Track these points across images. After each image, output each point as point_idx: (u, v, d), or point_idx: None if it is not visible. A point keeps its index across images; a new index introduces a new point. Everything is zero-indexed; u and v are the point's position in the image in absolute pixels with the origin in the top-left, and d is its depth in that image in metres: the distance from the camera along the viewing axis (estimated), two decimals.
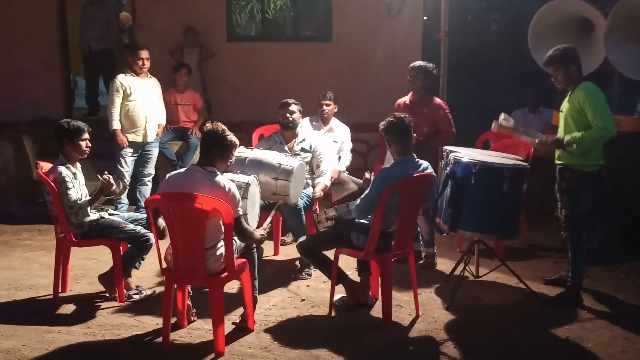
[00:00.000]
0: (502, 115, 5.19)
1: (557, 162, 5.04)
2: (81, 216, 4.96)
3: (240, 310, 4.60)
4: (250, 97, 8.72)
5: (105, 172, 5.05)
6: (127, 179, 6.88)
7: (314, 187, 5.88)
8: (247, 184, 4.55)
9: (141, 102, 6.93)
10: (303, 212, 5.64)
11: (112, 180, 5.00)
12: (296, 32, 9.68)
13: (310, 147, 5.90)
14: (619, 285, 5.44)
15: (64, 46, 9.11)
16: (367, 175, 5.00)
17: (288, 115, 5.81)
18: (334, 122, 6.86)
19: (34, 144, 8.05)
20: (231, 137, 4.33)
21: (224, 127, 4.36)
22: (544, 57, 5.14)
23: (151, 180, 7.26)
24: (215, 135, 4.30)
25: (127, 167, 6.95)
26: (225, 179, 4.26)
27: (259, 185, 4.80)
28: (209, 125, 4.40)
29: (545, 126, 7.33)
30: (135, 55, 6.92)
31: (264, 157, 5.39)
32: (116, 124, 6.88)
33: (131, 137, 6.95)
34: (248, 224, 4.44)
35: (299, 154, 5.80)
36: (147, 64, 6.94)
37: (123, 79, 6.89)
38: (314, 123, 6.78)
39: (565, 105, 4.98)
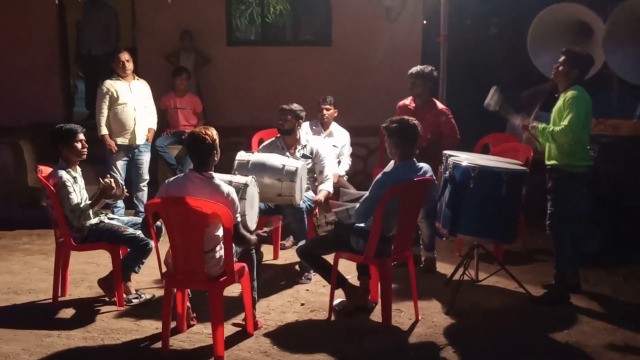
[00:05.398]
0: (492, 91, 5.35)
1: (546, 162, 5.11)
2: (83, 220, 4.97)
3: (240, 315, 4.60)
4: (250, 101, 8.73)
5: (107, 176, 5.07)
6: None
7: (315, 192, 5.89)
8: (245, 185, 4.56)
9: (130, 105, 6.92)
10: (305, 215, 5.64)
11: (113, 184, 5.02)
12: (296, 37, 9.68)
13: (312, 153, 5.91)
14: (619, 289, 5.44)
15: (63, 50, 9.11)
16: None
17: (281, 122, 5.85)
18: (334, 126, 6.86)
19: (33, 149, 8.05)
20: (212, 135, 4.27)
21: (199, 132, 4.30)
22: (543, 61, 5.18)
23: (146, 185, 7.24)
24: (201, 141, 4.24)
25: (118, 173, 6.90)
26: (224, 184, 4.26)
27: (257, 186, 4.80)
28: (187, 134, 4.39)
29: None
30: (116, 59, 6.93)
31: (267, 159, 5.42)
32: (104, 130, 6.87)
33: (120, 140, 6.93)
34: (247, 227, 4.45)
35: (299, 160, 5.80)
36: (129, 65, 6.92)
37: (109, 84, 6.90)
38: (313, 127, 6.78)
39: (556, 105, 5.06)
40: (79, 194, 5.00)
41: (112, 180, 5.06)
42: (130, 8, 9.42)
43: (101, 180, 5.05)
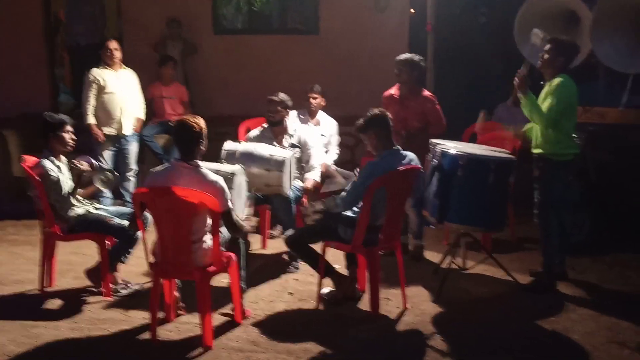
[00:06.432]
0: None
1: (533, 151, 5.16)
2: (66, 208, 4.93)
3: (228, 304, 4.60)
4: (237, 91, 8.68)
5: (72, 160, 5.02)
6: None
7: (303, 182, 5.88)
8: (233, 174, 4.54)
9: (117, 94, 6.87)
10: (294, 205, 5.64)
11: (78, 164, 4.96)
12: (283, 25, 9.63)
13: (300, 142, 5.90)
14: (604, 277, 5.49)
15: (50, 41, 9.02)
16: (357, 171, 5.01)
17: (271, 114, 5.83)
18: (322, 115, 6.85)
19: (19, 139, 7.98)
20: (200, 124, 4.24)
21: (187, 120, 4.26)
22: (529, 50, 5.20)
23: (134, 175, 7.20)
24: (189, 129, 4.20)
25: (105, 162, 6.85)
26: (211, 173, 4.23)
27: (245, 174, 4.79)
28: (175, 122, 4.36)
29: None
30: (104, 47, 6.88)
31: (255, 149, 5.41)
32: (90, 119, 6.81)
33: (106, 130, 6.88)
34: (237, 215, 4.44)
35: (287, 149, 5.79)
36: (117, 54, 6.87)
37: (96, 73, 6.83)
38: (301, 116, 6.77)
39: (542, 93, 5.11)
40: (63, 183, 4.97)
41: (74, 161, 5.00)
42: None
43: (74, 163, 5.00)
